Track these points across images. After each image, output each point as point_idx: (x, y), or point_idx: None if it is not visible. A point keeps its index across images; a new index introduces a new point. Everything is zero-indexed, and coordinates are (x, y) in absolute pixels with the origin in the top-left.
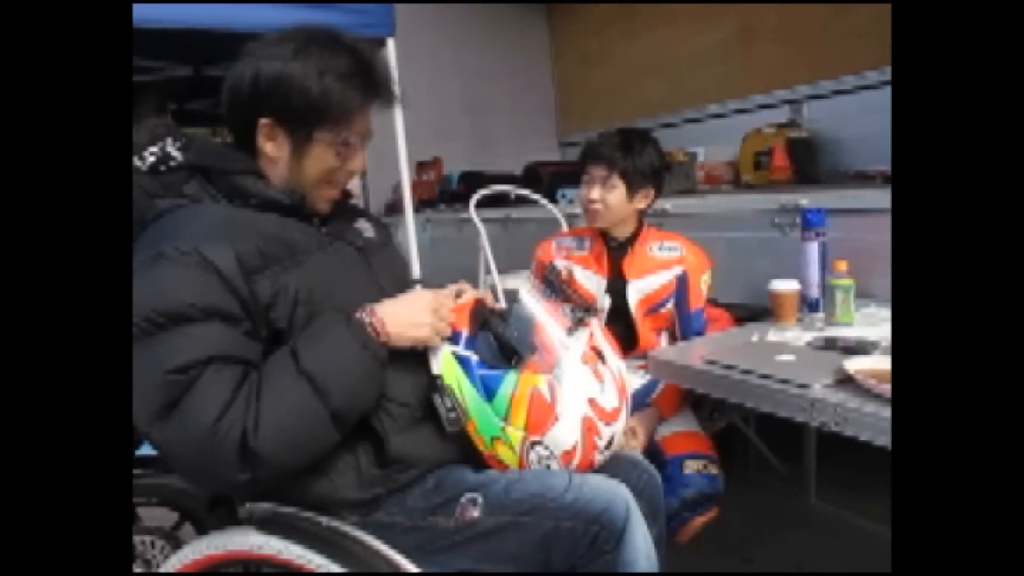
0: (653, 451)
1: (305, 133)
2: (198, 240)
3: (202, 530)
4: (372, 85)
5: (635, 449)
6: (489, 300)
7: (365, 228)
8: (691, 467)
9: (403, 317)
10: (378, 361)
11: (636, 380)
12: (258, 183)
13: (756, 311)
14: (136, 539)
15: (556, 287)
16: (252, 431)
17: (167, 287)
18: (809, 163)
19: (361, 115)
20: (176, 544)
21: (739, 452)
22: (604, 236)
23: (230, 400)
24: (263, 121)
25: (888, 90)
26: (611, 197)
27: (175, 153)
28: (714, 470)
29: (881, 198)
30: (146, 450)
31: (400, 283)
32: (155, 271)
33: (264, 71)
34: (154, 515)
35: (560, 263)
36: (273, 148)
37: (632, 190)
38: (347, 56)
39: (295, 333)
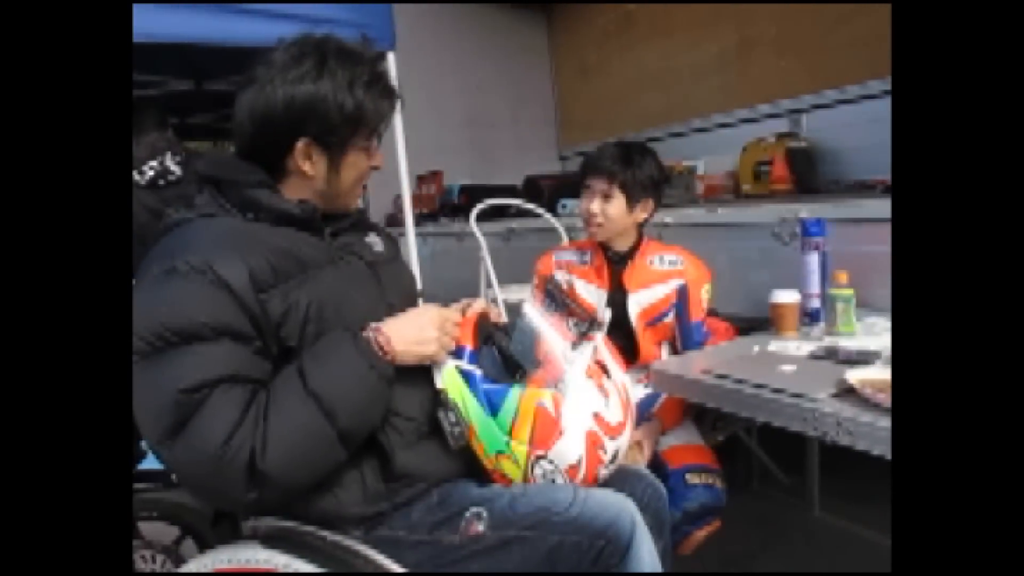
0: (655, 463)
1: (341, 146)
2: (210, 255)
3: (203, 545)
4: (390, 88)
5: (640, 463)
6: (493, 314)
7: (375, 242)
8: (693, 479)
9: (409, 334)
10: (385, 380)
11: (637, 392)
12: (271, 196)
13: (756, 322)
14: (136, 554)
15: (558, 300)
16: (260, 452)
17: (178, 304)
18: (808, 173)
19: (389, 118)
20: (177, 559)
21: (741, 464)
22: (604, 249)
23: (238, 421)
24: (301, 143)
25: (887, 100)
26: (611, 209)
27: (174, 168)
28: (716, 482)
29: (881, 208)
30: (147, 464)
31: (409, 298)
32: (167, 287)
33: (297, 95)
34: (155, 530)
35: (560, 276)
36: (310, 167)
37: (632, 202)
38: (365, 64)
39: (305, 350)
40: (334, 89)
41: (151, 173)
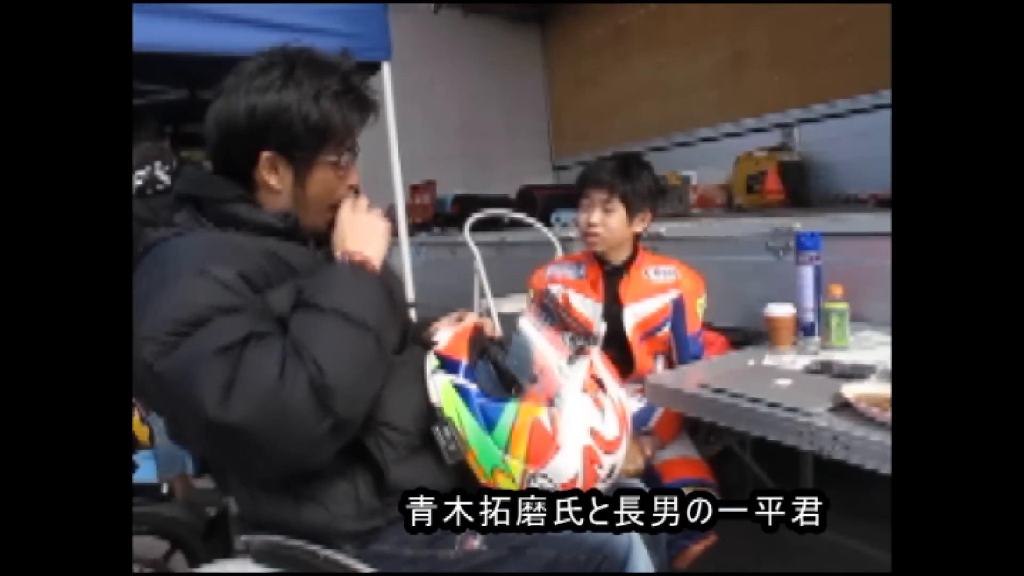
0: (651, 477)
1: (307, 159)
2: (202, 262)
3: (193, 560)
4: (363, 99)
5: (639, 464)
6: (488, 328)
7: None
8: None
9: (372, 241)
10: (383, 286)
11: (633, 405)
12: (251, 210)
13: (751, 335)
14: None
15: (554, 314)
16: (317, 373)
17: (183, 298)
18: (801, 186)
19: (359, 131)
20: (167, 574)
21: (736, 477)
22: (600, 261)
23: (282, 357)
24: (265, 155)
25: (879, 114)
26: (612, 221)
27: (163, 176)
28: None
29: (873, 222)
30: (137, 478)
31: (398, 304)
32: (165, 291)
33: (260, 104)
34: (144, 544)
35: (555, 288)
36: (276, 180)
37: (631, 213)
38: (335, 74)
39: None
40: (299, 99)
41: (139, 182)
